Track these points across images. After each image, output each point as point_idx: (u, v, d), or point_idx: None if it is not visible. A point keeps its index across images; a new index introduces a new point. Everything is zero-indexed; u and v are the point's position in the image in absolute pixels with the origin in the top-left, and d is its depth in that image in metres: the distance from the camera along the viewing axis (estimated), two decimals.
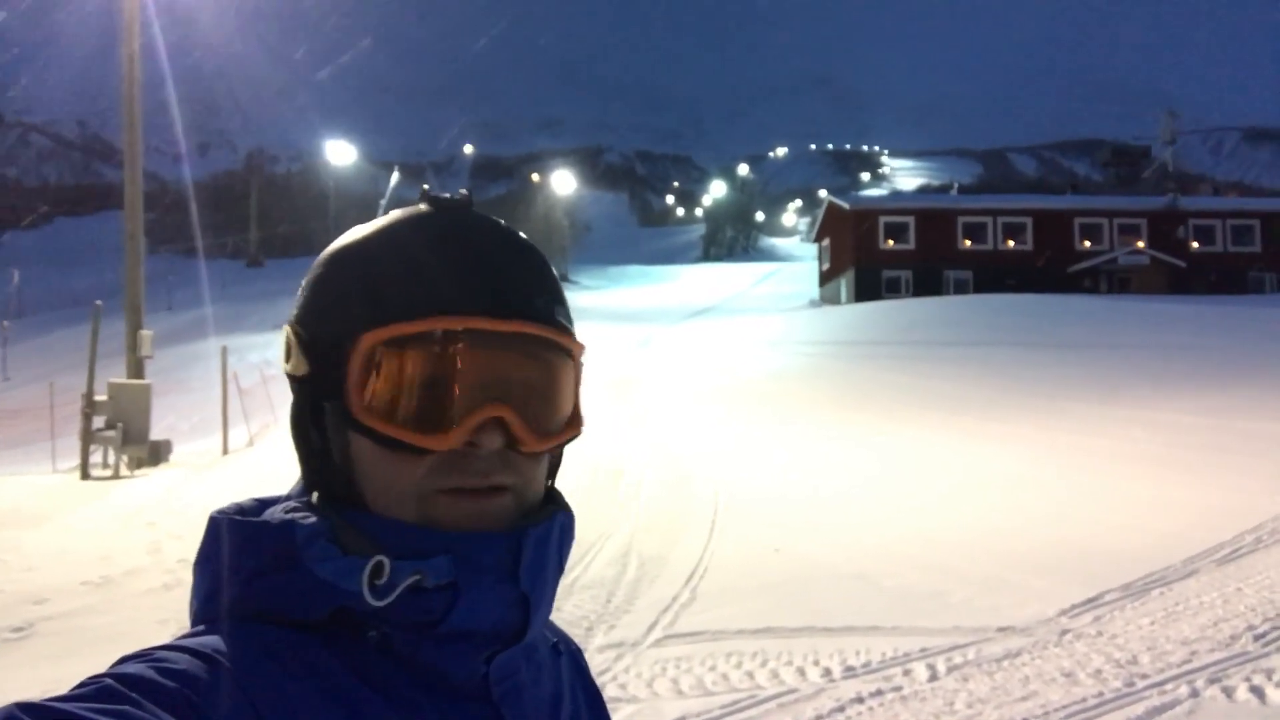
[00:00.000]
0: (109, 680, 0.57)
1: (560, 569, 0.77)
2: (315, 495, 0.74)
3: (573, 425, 0.76)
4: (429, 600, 0.67)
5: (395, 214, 0.77)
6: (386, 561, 0.66)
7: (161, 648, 0.63)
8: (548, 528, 0.74)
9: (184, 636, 0.66)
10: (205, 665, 0.61)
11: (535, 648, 0.77)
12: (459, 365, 0.69)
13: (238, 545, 0.70)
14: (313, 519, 0.69)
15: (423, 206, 0.76)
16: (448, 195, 0.76)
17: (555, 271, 0.79)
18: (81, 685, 0.57)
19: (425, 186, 0.78)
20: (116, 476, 12.53)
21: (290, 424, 0.76)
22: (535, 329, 0.71)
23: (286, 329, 0.75)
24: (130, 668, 0.60)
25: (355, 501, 0.72)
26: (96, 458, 13.24)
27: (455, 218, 0.75)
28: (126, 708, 0.54)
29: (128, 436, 13.06)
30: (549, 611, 0.77)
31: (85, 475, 12.56)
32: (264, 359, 24.57)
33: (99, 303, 14.31)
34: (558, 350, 0.74)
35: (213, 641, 0.64)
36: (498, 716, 0.71)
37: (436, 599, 0.68)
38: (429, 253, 0.72)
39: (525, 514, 0.73)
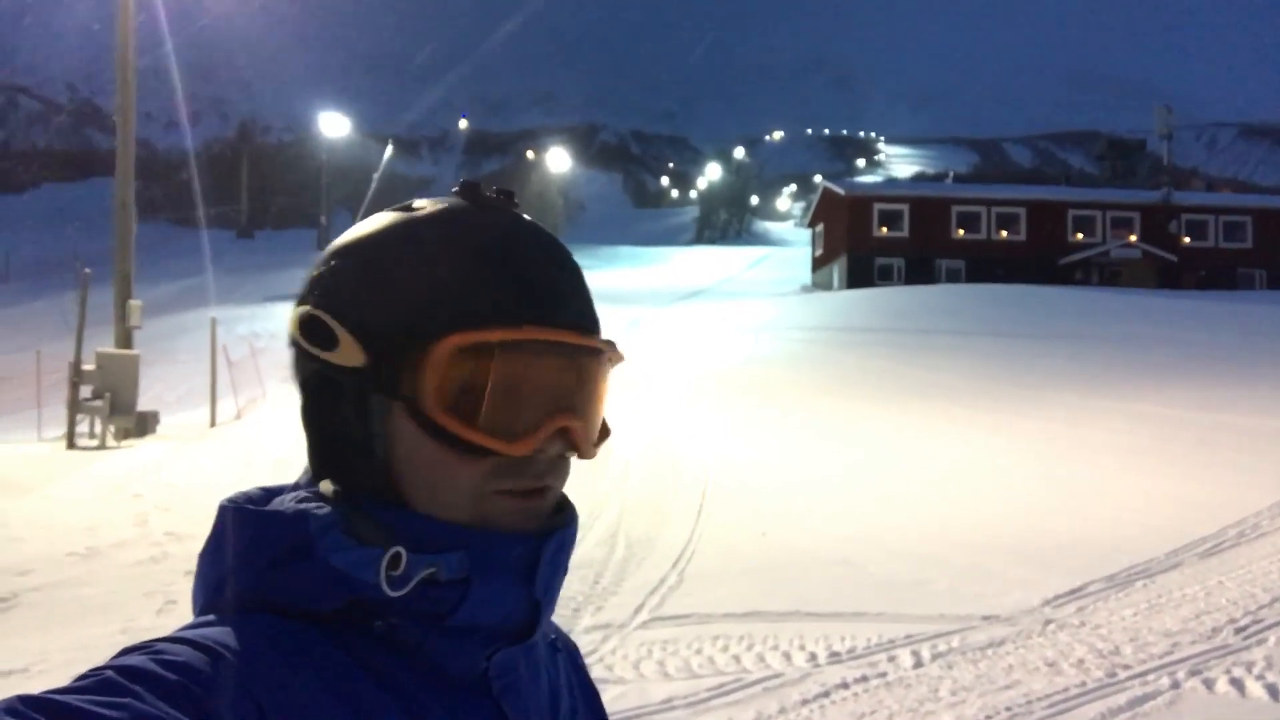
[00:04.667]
0: (110, 672, 0.57)
1: (565, 571, 0.77)
2: (324, 485, 0.72)
3: (606, 431, 0.78)
4: (440, 593, 0.68)
5: (434, 205, 0.75)
6: (404, 553, 0.66)
7: (163, 640, 0.62)
8: (564, 535, 0.75)
9: (187, 628, 0.65)
10: (207, 658, 0.60)
11: (535, 644, 0.77)
12: (541, 376, 0.71)
13: (251, 535, 0.69)
14: (326, 509, 0.69)
15: (460, 200, 0.75)
16: (489, 192, 0.76)
17: None
18: (83, 677, 0.57)
19: (464, 179, 0.77)
20: (103, 447, 12.47)
21: (307, 411, 0.74)
22: (603, 344, 0.75)
23: (315, 312, 0.71)
24: (131, 660, 0.59)
25: (395, 498, 0.71)
26: (83, 427, 13.17)
27: (512, 220, 0.75)
28: (128, 700, 0.54)
29: (115, 407, 13.00)
30: (553, 611, 0.77)
31: (71, 445, 12.50)
32: (253, 331, 24.47)
33: (87, 270, 14.20)
34: (607, 362, 0.77)
35: (215, 633, 0.63)
36: (498, 711, 0.71)
37: (448, 592, 0.68)
38: (508, 257, 0.71)
39: (552, 514, 0.75)
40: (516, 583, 0.70)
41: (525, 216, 0.76)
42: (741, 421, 13.31)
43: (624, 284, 47.62)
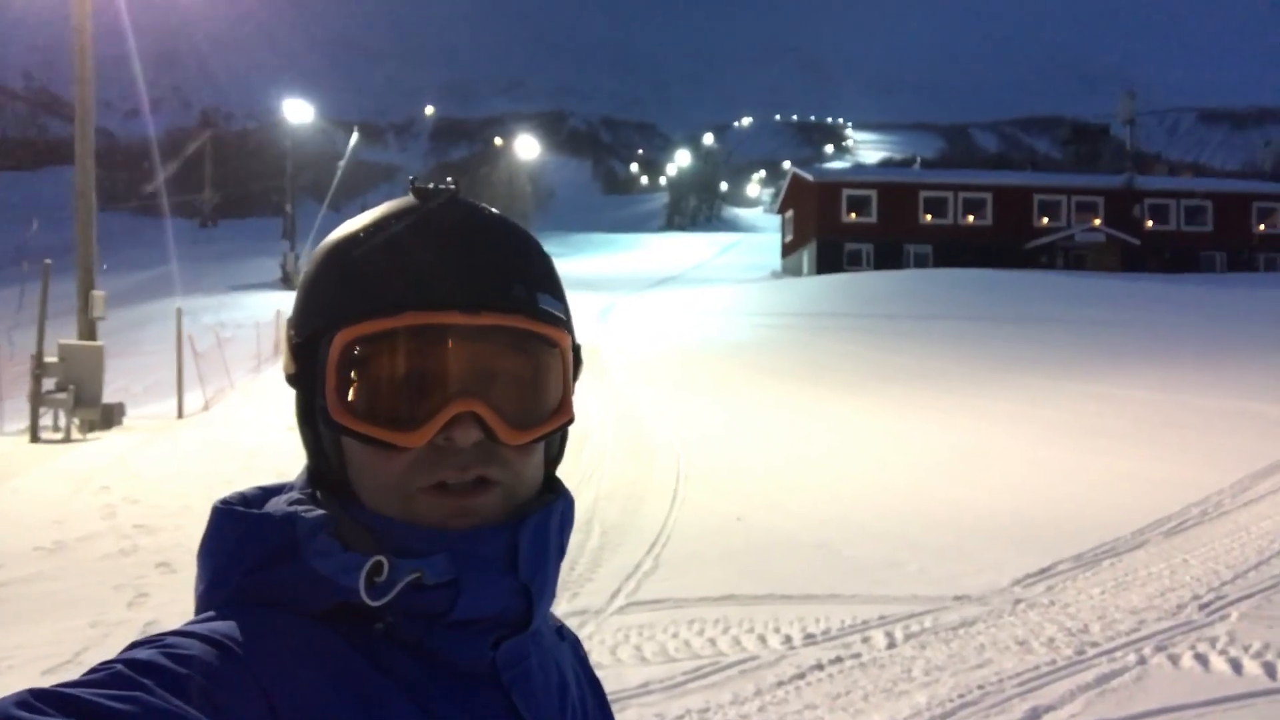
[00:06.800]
0: (120, 666, 0.57)
1: (561, 554, 0.76)
2: (318, 489, 0.74)
3: (560, 414, 0.74)
4: (431, 596, 0.67)
5: (382, 207, 0.75)
6: (385, 561, 0.65)
7: (172, 633, 0.62)
8: (544, 516, 0.73)
9: (194, 622, 0.65)
10: (216, 651, 0.60)
11: (540, 633, 0.77)
12: (429, 361, 0.69)
13: (240, 536, 0.69)
14: (316, 512, 0.69)
15: (410, 197, 0.75)
16: (434, 185, 0.75)
17: (547, 255, 0.77)
18: (93, 671, 0.57)
19: (412, 178, 0.76)
20: (68, 440, 12.27)
21: (296, 418, 0.76)
22: (509, 320, 0.70)
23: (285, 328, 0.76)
24: (141, 653, 0.59)
25: (352, 496, 0.72)
26: (47, 420, 12.94)
27: (436, 208, 0.73)
28: (138, 693, 0.54)
29: (80, 399, 12.77)
30: (553, 598, 0.77)
31: (35, 438, 12.28)
32: (219, 321, 24.14)
33: (48, 261, 13.92)
34: (539, 340, 0.72)
35: (223, 627, 0.63)
36: (507, 701, 0.71)
37: (439, 595, 0.67)
38: (403, 247, 0.70)
39: (518, 506, 0.72)
40: (503, 575, 0.70)
41: (458, 202, 0.74)
42: (716, 407, 13.36)
43: (596, 271, 47.56)
